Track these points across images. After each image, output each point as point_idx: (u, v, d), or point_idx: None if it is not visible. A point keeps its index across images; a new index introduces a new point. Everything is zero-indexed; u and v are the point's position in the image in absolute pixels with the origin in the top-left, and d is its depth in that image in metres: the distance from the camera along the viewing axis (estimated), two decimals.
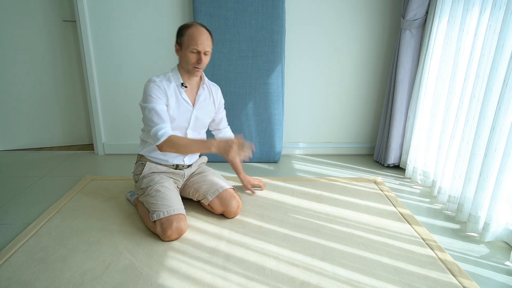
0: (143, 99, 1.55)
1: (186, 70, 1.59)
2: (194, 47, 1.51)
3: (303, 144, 2.77)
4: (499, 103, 1.45)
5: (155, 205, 1.52)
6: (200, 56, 1.52)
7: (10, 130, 2.72)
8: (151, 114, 1.52)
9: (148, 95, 1.53)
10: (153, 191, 1.57)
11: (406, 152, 2.41)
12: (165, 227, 1.46)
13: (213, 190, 1.69)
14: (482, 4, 1.63)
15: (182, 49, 1.54)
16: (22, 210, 1.78)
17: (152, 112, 1.52)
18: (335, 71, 2.59)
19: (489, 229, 1.53)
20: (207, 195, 1.69)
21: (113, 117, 2.65)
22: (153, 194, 1.56)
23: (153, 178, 1.64)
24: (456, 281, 1.29)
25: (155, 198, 1.54)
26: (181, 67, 1.61)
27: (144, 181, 1.65)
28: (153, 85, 1.53)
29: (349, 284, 1.26)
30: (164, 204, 1.51)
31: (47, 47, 2.62)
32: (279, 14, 2.29)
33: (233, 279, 1.28)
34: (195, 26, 1.52)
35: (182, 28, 1.54)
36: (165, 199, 1.53)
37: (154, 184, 1.60)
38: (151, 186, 1.60)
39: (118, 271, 1.31)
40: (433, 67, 2.10)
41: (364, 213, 1.79)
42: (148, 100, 1.53)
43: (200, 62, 1.53)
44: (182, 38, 1.53)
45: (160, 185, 1.59)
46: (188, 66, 1.56)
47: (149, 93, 1.53)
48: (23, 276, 1.27)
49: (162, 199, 1.52)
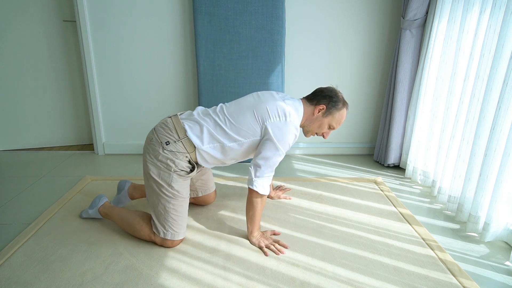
0: (280, 141, 1.38)
1: (308, 127, 1.53)
2: (335, 126, 1.52)
3: (303, 144, 2.77)
4: (499, 103, 1.45)
5: (170, 222, 1.42)
6: (330, 132, 1.55)
7: (10, 130, 2.72)
8: (278, 162, 1.42)
9: (288, 143, 1.41)
10: (178, 206, 1.43)
11: (406, 152, 2.41)
12: (166, 244, 1.45)
13: (204, 188, 1.77)
14: (482, 4, 1.63)
15: (326, 117, 1.48)
16: (22, 210, 1.78)
17: (279, 161, 1.43)
18: (335, 71, 2.59)
19: (489, 229, 1.53)
20: (198, 190, 1.75)
21: (113, 117, 2.65)
22: (178, 210, 1.43)
23: (185, 186, 1.46)
24: (456, 281, 1.29)
25: (175, 215, 1.43)
26: (307, 119, 1.51)
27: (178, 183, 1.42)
28: (294, 135, 1.43)
29: (349, 284, 1.26)
30: (177, 227, 1.44)
31: (47, 47, 2.62)
32: (279, 14, 2.29)
33: (233, 279, 1.28)
34: (346, 109, 1.51)
35: (337, 99, 1.48)
36: (179, 221, 1.44)
37: (184, 197, 1.45)
38: (182, 197, 1.44)
39: (118, 271, 1.31)
40: (433, 67, 2.09)
41: (364, 213, 1.79)
42: (285, 148, 1.41)
43: (326, 138, 1.56)
44: (333, 110, 1.47)
45: (186, 201, 1.47)
46: (313, 129, 1.53)
47: (289, 142, 1.41)
48: (23, 276, 1.27)
49: (178, 219, 1.44)
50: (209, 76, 2.39)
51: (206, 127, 1.43)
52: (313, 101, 1.50)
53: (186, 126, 1.43)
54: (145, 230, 1.47)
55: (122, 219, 1.54)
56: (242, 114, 1.43)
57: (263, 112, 1.41)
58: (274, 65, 2.37)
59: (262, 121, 1.40)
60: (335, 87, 1.55)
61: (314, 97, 1.51)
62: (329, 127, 1.52)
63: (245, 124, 1.41)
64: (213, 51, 2.35)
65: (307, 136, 1.58)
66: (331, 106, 1.47)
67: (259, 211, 1.46)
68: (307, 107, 1.51)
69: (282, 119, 1.39)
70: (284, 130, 1.39)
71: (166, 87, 2.58)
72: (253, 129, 1.41)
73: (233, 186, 2.11)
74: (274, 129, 1.38)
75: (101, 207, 1.62)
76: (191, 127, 1.43)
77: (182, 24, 2.43)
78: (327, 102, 1.47)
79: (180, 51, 2.49)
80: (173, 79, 2.56)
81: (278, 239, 1.53)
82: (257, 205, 1.44)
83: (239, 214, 1.75)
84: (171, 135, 1.42)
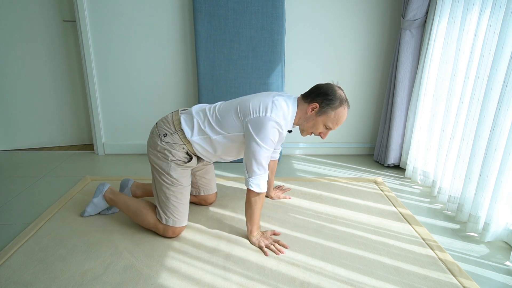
0: (259, 136, 1.36)
1: (302, 126, 1.48)
2: (331, 126, 1.44)
3: (303, 144, 2.77)
4: (499, 103, 1.45)
5: (170, 209, 1.48)
6: (328, 132, 1.48)
7: (10, 130, 2.72)
8: (265, 159, 1.39)
9: (270, 138, 1.37)
10: (179, 193, 1.49)
11: (406, 152, 2.41)
12: (168, 231, 1.51)
13: (207, 188, 1.80)
14: (482, 4, 1.63)
15: (320, 116, 1.42)
16: (22, 210, 1.78)
17: (266, 157, 1.40)
18: (335, 71, 2.59)
19: (489, 229, 1.53)
20: (200, 189, 1.78)
21: (113, 117, 2.65)
22: (178, 196, 1.49)
23: (185, 175, 1.51)
24: (456, 281, 1.29)
25: (175, 202, 1.48)
26: (301, 117, 1.46)
27: (176, 171, 1.48)
28: (277, 130, 1.38)
29: (349, 284, 1.26)
30: (178, 214, 1.49)
31: (47, 47, 2.62)
32: (279, 14, 2.29)
33: (233, 279, 1.28)
34: (346, 107, 1.41)
35: (333, 97, 1.39)
36: (180, 208, 1.50)
37: (183, 185, 1.51)
38: (181, 185, 1.49)
39: (118, 271, 1.31)
40: (433, 67, 2.09)
41: (364, 213, 1.79)
42: (268, 143, 1.37)
43: (323, 138, 1.49)
44: (328, 109, 1.39)
45: (186, 189, 1.52)
46: (307, 129, 1.47)
47: (270, 137, 1.36)
48: (23, 276, 1.27)
49: (179, 206, 1.49)
50: (209, 76, 2.39)
51: (196, 119, 1.50)
52: (308, 99, 1.44)
53: (182, 119, 1.51)
54: (149, 216, 1.53)
55: (127, 205, 1.59)
56: (228, 110, 1.47)
57: (245, 108, 1.42)
58: (274, 65, 2.37)
59: (243, 117, 1.41)
60: (336, 83, 1.45)
61: (309, 94, 1.44)
62: (326, 127, 1.45)
63: (229, 119, 1.44)
64: (213, 51, 2.35)
65: (303, 135, 1.52)
66: (325, 104, 1.39)
67: (257, 210, 1.47)
68: (302, 105, 1.45)
69: (261, 114, 1.36)
70: (262, 124, 1.35)
71: (166, 87, 2.58)
72: (236, 124, 1.43)
73: (233, 186, 2.11)
74: (253, 124, 1.37)
75: (106, 192, 1.66)
76: (185, 119, 1.51)
77: (182, 24, 2.43)
78: (321, 100, 1.40)
79: (180, 51, 2.49)
80: (173, 79, 2.56)
81: (278, 239, 1.53)
82: (255, 204, 1.45)
83: (239, 214, 1.75)
84: (169, 128, 1.51)
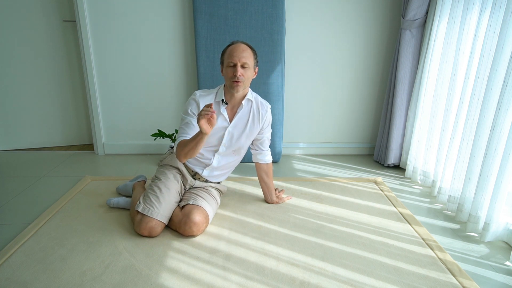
0: (183, 110, 1.64)
1: (228, 87, 1.59)
2: (230, 60, 1.52)
3: (303, 144, 2.77)
4: (499, 103, 1.45)
5: (147, 199, 1.56)
6: (236, 68, 1.51)
7: (10, 130, 2.72)
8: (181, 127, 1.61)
9: (185, 108, 1.62)
10: (156, 186, 1.60)
11: (406, 152, 2.41)
12: (141, 221, 1.51)
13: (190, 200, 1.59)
14: (482, 4, 1.63)
15: (223, 67, 1.58)
16: (22, 210, 1.78)
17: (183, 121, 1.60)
18: (335, 71, 2.59)
19: (489, 229, 1.53)
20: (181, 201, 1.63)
21: (113, 117, 2.65)
22: (154, 189, 1.59)
23: (165, 173, 1.67)
24: (456, 281, 1.29)
25: (152, 194, 1.57)
26: (225, 86, 1.63)
27: (160, 170, 1.71)
28: (191, 99, 1.62)
29: (349, 284, 1.26)
30: (154, 204, 1.53)
31: (47, 47, 2.62)
32: (279, 14, 2.29)
33: (233, 279, 1.28)
34: (234, 43, 1.56)
35: (224, 49, 1.59)
36: (153, 200, 1.55)
37: (163, 180, 1.63)
38: (159, 180, 1.63)
39: (118, 271, 1.31)
40: (433, 67, 2.09)
41: (364, 213, 1.79)
42: (184, 112, 1.62)
43: (236, 75, 1.50)
44: (223, 57, 1.57)
45: (165, 185, 1.61)
46: (228, 82, 1.57)
47: (186, 107, 1.63)
48: (23, 276, 1.27)
49: (157, 198, 1.55)
50: (209, 76, 2.39)
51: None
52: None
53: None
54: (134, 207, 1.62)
55: (132, 200, 1.72)
56: None
57: None
58: (274, 65, 2.37)
59: None
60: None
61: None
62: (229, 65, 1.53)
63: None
64: (213, 51, 2.35)
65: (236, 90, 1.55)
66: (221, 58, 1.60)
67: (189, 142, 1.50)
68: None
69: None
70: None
71: (166, 87, 2.58)
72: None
73: (233, 186, 2.11)
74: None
75: (136, 183, 1.89)
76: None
77: (182, 24, 2.43)
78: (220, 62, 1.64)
79: (180, 51, 2.49)
80: (173, 79, 2.56)
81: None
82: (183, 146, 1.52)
83: (239, 214, 1.75)
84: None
